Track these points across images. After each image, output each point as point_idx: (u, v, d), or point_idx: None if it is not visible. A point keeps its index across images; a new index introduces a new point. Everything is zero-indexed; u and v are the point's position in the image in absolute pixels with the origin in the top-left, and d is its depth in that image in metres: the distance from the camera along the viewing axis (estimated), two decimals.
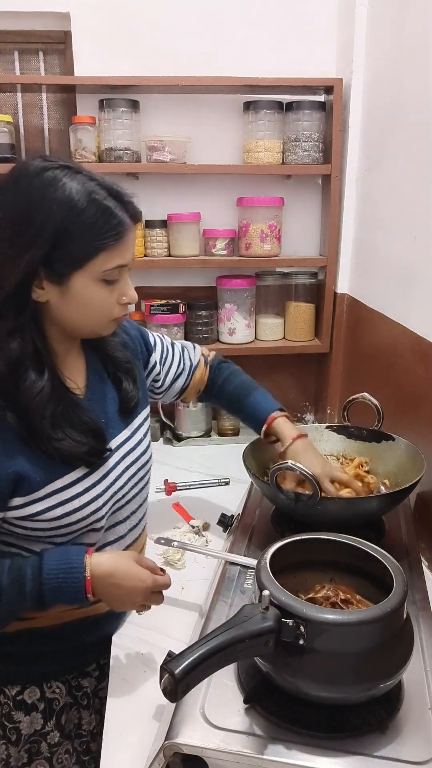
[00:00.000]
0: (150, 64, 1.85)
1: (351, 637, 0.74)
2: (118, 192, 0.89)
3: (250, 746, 0.73)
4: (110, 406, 1.03)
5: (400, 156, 1.51)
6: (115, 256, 0.88)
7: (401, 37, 1.49)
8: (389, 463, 1.31)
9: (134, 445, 1.06)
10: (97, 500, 0.96)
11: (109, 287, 0.91)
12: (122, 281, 0.93)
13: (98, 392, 1.02)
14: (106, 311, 0.93)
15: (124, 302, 0.94)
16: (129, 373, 1.06)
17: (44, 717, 1.04)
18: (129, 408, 1.05)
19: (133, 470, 1.05)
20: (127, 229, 0.88)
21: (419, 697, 0.80)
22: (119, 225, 0.87)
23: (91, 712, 1.10)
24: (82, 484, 0.95)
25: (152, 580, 0.93)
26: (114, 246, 0.87)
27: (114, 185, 0.90)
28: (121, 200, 0.89)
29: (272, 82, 1.81)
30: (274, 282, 2.04)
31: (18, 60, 1.98)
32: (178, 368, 1.27)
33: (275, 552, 0.86)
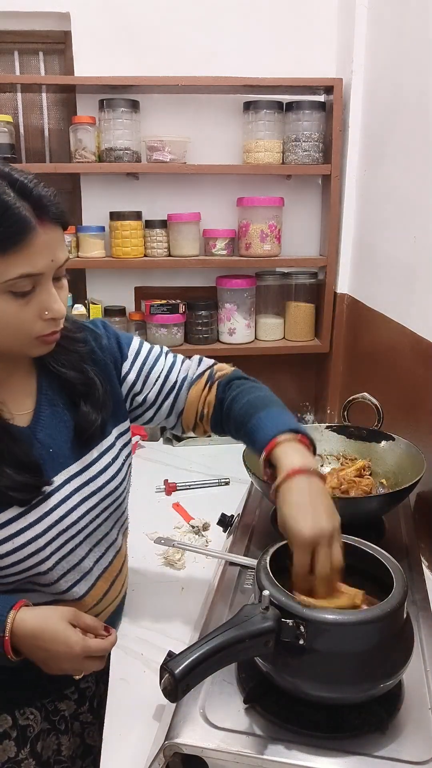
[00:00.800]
0: (150, 64, 1.86)
1: (351, 637, 0.74)
2: (23, 185, 0.73)
3: (250, 746, 0.73)
4: (63, 432, 0.90)
5: (400, 156, 1.51)
6: (17, 263, 0.73)
7: (401, 37, 1.49)
8: (389, 463, 1.31)
9: (95, 474, 0.93)
10: (36, 541, 0.86)
11: (21, 300, 0.76)
12: (42, 293, 0.77)
13: (49, 418, 0.89)
14: (22, 328, 0.78)
15: (48, 317, 0.78)
16: (87, 396, 0.91)
17: (17, 745, 0.97)
18: (87, 435, 0.91)
19: (93, 501, 0.92)
20: (29, 229, 0.73)
21: (419, 697, 0.80)
22: (19, 225, 0.72)
23: (70, 737, 1.04)
24: (16, 524, 0.84)
25: (81, 647, 0.82)
26: (15, 251, 0.72)
27: (22, 177, 0.74)
28: (26, 195, 0.73)
29: (272, 82, 1.81)
30: (274, 282, 2.04)
31: (18, 60, 1.98)
32: (165, 383, 1.02)
33: (275, 552, 0.85)
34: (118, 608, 1.06)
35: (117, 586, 1.03)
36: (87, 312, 1.95)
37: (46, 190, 0.76)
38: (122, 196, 1.96)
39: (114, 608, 1.04)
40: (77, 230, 1.92)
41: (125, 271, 2.05)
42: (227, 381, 1.03)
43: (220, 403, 1.01)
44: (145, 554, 1.27)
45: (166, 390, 1.02)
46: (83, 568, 0.94)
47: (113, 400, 0.97)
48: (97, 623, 0.86)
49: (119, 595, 1.05)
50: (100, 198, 1.97)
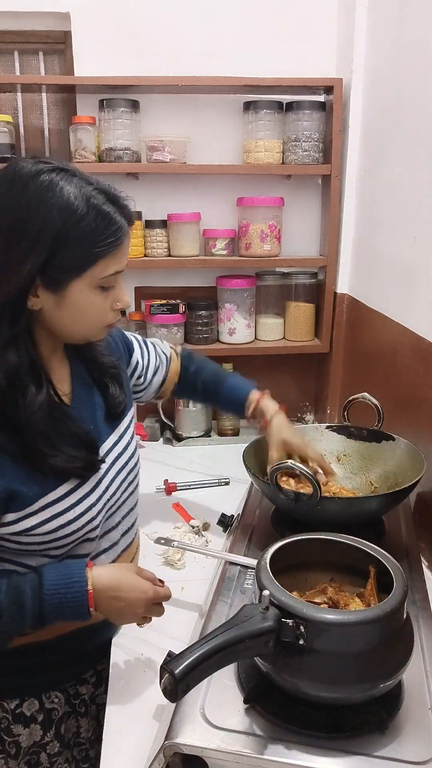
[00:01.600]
0: (150, 64, 1.85)
1: (351, 637, 0.74)
2: (115, 196, 0.87)
3: (250, 746, 0.73)
4: (97, 412, 1.00)
5: (400, 156, 1.51)
6: (113, 262, 0.87)
7: (401, 37, 1.49)
8: (389, 463, 1.31)
9: (122, 450, 1.04)
10: (91, 510, 0.94)
11: (105, 293, 0.89)
12: (117, 287, 0.91)
13: (84, 398, 0.99)
14: (101, 318, 0.91)
15: (118, 308, 0.92)
16: (115, 378, 1.04)
17: (43, 728, 1.02)
18: (116, 413, 1.03)
19: (123, 475, 1.04)
20: (125, 234, 0.87)
21: (419, 697, 0.80)
22: (118, 231, 0.85)
23: (88, 719, 1.09)
24: (75, 495, 0.93)
25: (153, 591, 0.92)
26: (113, 252, 0.86)
27: (111, 188, 0.87)
28: (118, 204, 0.87)
29: (272, 82, 1.81)
30: (274, 282, 2.04)
31: (18, 60, 1.98)
32: (156, 362, 1.27)
33: (275, 552, 0.86)
34: None
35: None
36: None
37: (125, 199, 0.89)
38: None
39: None
40: None
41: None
42: (185, 354, 1.35)
43: (184, 370, 1.33)
44: (145, 554, 1.26)
45: (156, 368, 1.27)
46: (112, 538, 1.03)
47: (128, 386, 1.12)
48: (153, 575, 0.95)
49: None
50: None
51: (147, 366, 1.25)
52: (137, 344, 1.24)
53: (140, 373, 1.23)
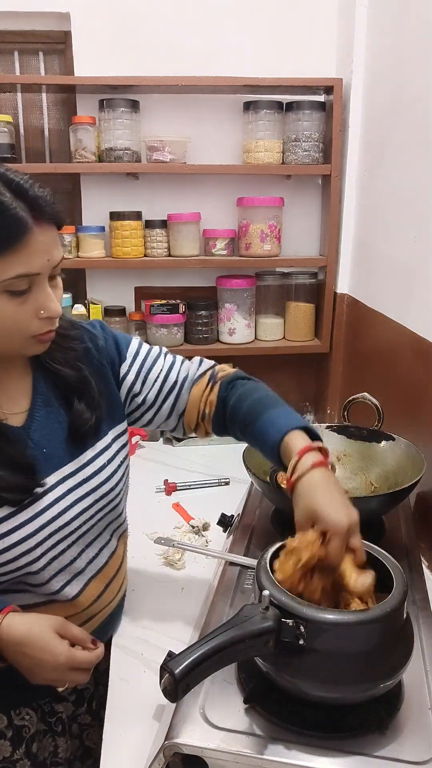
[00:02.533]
0: (150, 64, 1.85)
1: (351, 637, 0.74)
2: (19, 186, 0.74)
3: (250, 746, 0.73)
4: (58, 433, 0.89)
5: (400, 156, 1.51)
6: (14, 263, 0.73)
7: (401, 37, 1.49)
8: (389, 463, 1.31)
9: (90, 474, 0.92)
10: (27, 541, 0.85)
11: (17, 300, 0.76)
12: (38, 292, 0.77)
13: (43, 417, 0.89)
14: (18, 328, 0.78)
15: (44, 317, 0.79)
16: (81, 393, 0.91)
17: (13, 745, 0.96)
18: (80, 434, 0.90)
19: (88, 502, 0.91)
20: (26, 230, 0.73)
21: (419, 697, 0.80)
22: (15, 225, 0.72)
23: (67, 738, 1.02)
24: (7, 524, 0.84)
25: (66, 657, 0.80)
26: (12, 252, 0.73)
27: (18, 178, 0.75)
28: (23, 195, 0.74)
29: (272, 82, 1.81)
30: (274, 282, 2.04)
31: (18, 60, 1.98)
32: (165, 383, 1.01)
33: (275, 552, 0.85)
34: (116, 610, 1.05)
35: (113, 587, 1.02)
36: (87, 312, 1.94)
37: (41, 191, 0.76)
38: (122, 196, 1.96)
39: (111, 610, 1.03)
40: (77, 230, 1.92)
41: (125, 271, 2.05)
42: (230, 380, 1.03)
43: (222, 401, 1.00)
44: (145, 554, 1.27)
45: (166, 390, 1.02)
46: (75, 569, 0.93)
47: (109, 401, 0.96)
48: (84, 635, 0.84)
49: (116, 597, 1.04)
50: (100, 198, 1.97)
51: (148, 385, 1.01)
52: (138, 355, 1.02)
53: (134, 390, 1.00)
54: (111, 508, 0.96)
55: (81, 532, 0.92)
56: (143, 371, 1.01)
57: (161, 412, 1.03)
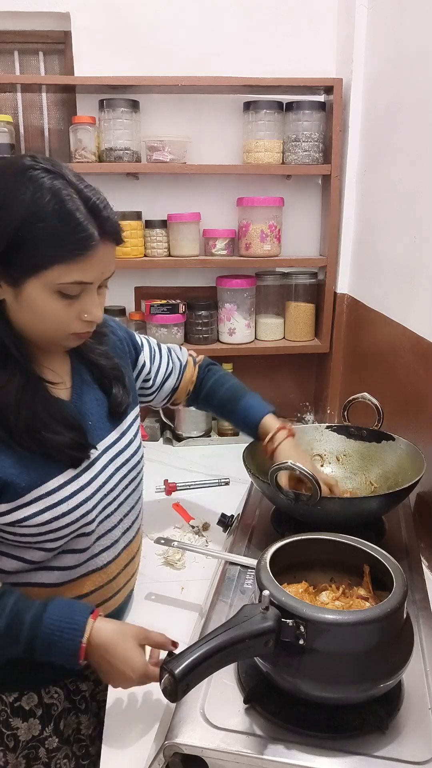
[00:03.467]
0: (150, 64, 1.86)
1: (351, 637, 0.74)
2: (95, 205, 0.83)
3: (250, 746, 0.73)
4: (98, 409, 1.00)
5: (400, 156, 1.51)
6: (74, 270, 0.82)
7: (401, 37, 1.49)
8: (389, 463, 1.31)
9: (124, 447, 1.04)
10: (86, 503, 0.94)
11: (67, 301, 0.85)
12: (86, 298, 0.87)
13: (84, 395, 0.99)
14: (62, 324, 0.87)
15: (86, 319, 0.88)
16: (118, 379, 1.04)
17: (42, 723, 1.02)
18: (118, 412, 1.03)
19: (124, 472, 1.03)
20: (93, 245, 0.82)
21: (419, 697, 0.80)
22: (85, 240, 0.81)
23: (89, 716, 1.09)
24: (70, 487, 0.92)
25: (142, 672, 0.86)
26: (75, 260, 0.82)
27: (95, 197, 0.83)
28: (96, 214, 0.83)
29: (272, 82, 1.81)
30: (274, 282, 2.04)
31: (18, 60, 1.98)
32: (168, 368, 1.26)
33: (275, 552, 0.86)
34: (131, 591, 1.12)
35: (133, 564, 1.11)
36: None
37: (112, 212, 0.85)
38: (122, 196, 1.96)
39: (131, 587, 1.11)
40: None
41: (125, 271, 2.05)
42: (204, 365, 1.33)
43: (200, 382, 1.31)
44: (145, 554, 1.27)
45: (167, 373, 1.26)
46: (113, 537, 1.02)
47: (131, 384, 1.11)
48: (164, 639, 0.90)
49: (133, 575, 1.12)
50: None
51: (157, 370, 1.24)
52: (147, 346, 1.23)
53: (147, 375, 1.22)
54: (139, 480, 1.09)
55: (122, 499, 1.03)
56: (155, 360, 1.23)
57: (162, 392, 1.27)
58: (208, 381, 1.31)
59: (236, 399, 1.28)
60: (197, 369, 1.31)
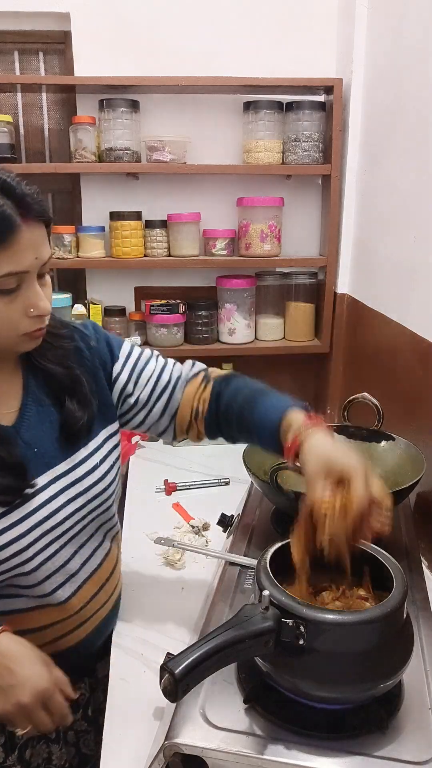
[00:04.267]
0: (150, 64, 1.85)
1: (351, 637, 0.74)
2: (5, 183, 0.74)
3: (250, 746, 0.73)
4: (49, 432, 0.89)
5: (400, 156, 1.51)
6: (2, 261, 0.74)
7: (401, 37, 1.49)
8: (389, 463, 1.31)
9: (82, 475, 0.91)
10: (19, 541, 0.85)
11: (7, 298, 0.77)
12: (27, 290, 0.78)
13: (33, 417, 0.88)
14: (9, 326, 0.78)
15: (33, 315, 0.79)
16: (72, 391, 0.90)
17: (5, 751, 0.95)
18: (72, 433, 0.90)
19: (79, 503, 0.91)
20: (14, 228, 0.73)
21: (419, 697, 0.80)
22: (2, 223, 0.72)
23: (62, 746, 1.00)
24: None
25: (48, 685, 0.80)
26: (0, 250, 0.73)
27: (4, 175, 0.74)
28: (10, 193, 0.73)
29: (272, 82, 1.81)
30: (274, 282, 2.04)
31: (18, 60, 1.98)
32: (158, 382, 1.00)
33: (275, 552, 0.85)
34: (110, 613, 1.04)
35: (107, 589, 1.01)
36: (87, 312, 1.94)
37: (29, 188, 0.76)
38: (122, 196, 1.96)
39: (106, 612, 1.02)
40: (77, 230, 1.92)
41: (125, 271, 2.05)
42: (223, 377, 1.02)
43: (216, 396, 0.99)
44: (145, 554, 1.27)
45: (159, 389, 1.01)
46: (69, 570, 0.92)
47: (101, 401, 0.96)
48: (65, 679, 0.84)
49: (110, 599, 1.03)
50: (100, 198, 1.97)
51: (141, 385, 0.99)
52: (130, 356, 1.01)
53: (126, 391, 0.99)
54: (104, 509, 0.96)
55: (74, 532, 0.92)
56: (136, 371, 1.00)
57: (153, 412, 1.01)
58: (224, 393, 0.99)
59: (256, 400, 0.95)
60: (212, 384, 1.00)
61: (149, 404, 1.01)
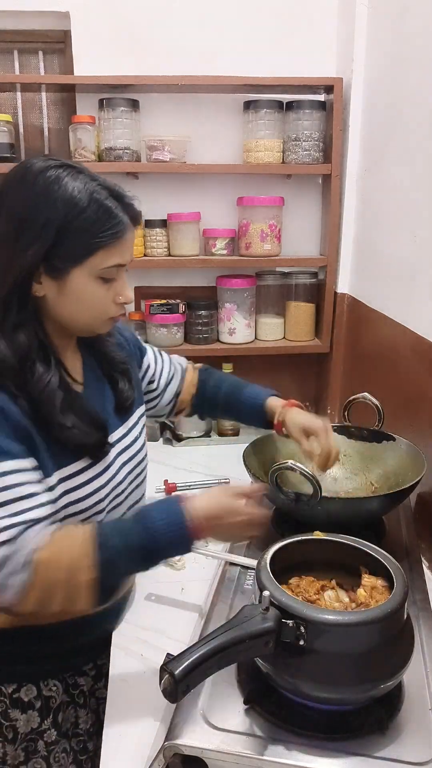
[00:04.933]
0: (150, 63, 1.85)
1: (351, 638, 0.74)
2: (119, 193, 0.91)
3: (250, 747, 0.73)
4: (107, 403, 1.04)
5: (400, 155, 1.51)
6: (113, 254, 0.90)
7: (401, 37, 1.48)
8: (389, 463, 1.31)
9: (130, 442, 1.07)
10: (99, 492, 0.97)
11: (106, 285, 0.92)
12: (119, 281, 0.94)
13: (95, 389, 1.03)
14: (102, 309, 0.94)
15: (120, 302, 0.95)
16: (125, 373, 1.08)
17: (41, 715, 1.03)
18: (125, 407, 1.07)
19: (131, 466, 1.06)
20: (126, 228, 0.91)
21: (419, 697, 0.80)
22: (119, 224, 0.89)
23: (87, 711, 1.10)
24: (86, 474, 0.96)
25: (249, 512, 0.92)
26: (113, 244, 0.89)
27: (115, 186, 0.92)
28: (121, 201, 0.91)
29: (272, 81, 1.81)
30: (274, 282, 2.04)
31: (18, 59, 1.97)
32: (170, 370, 1.28)
33: (275, 552, 0.85)
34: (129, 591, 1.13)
35: None
36: None
37: (131, 198, 0.93)
38: None
39: (130, 584, 1.13)
40: None
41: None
42: (203, 368, 1.34)
43: (203, 383, 1.31)
44: None
45: (170, 377, 1.27)
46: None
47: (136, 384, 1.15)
48: (253, 488, 0.98)
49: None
50: None
51: (160, 372, 1.25)
52: (150, 350, 1.26)
53: (151, 377, 1.24)
54: (143, 478, 1.11)
55: (128, 492, 1.05)
56: (158, 362, 1.25)
57: (165, 398, 1.27)
58: (208, 381, 1.32)
59: (239, 390, 1.29)
60: (197, 372, 1.33)
61: (164, 390, 1.26)
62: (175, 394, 1.29)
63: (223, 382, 1.32)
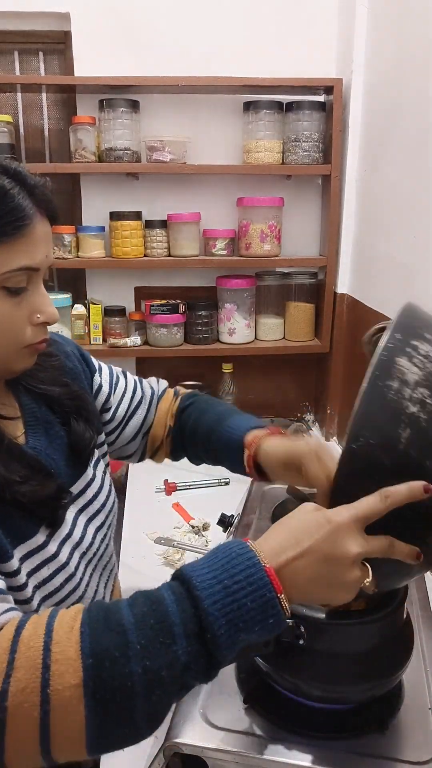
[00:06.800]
0: (150, 64, 1.86)
1: (351, 637, 0.74)
2: (17, 172, 0.68)
3: (249, 746, 0.73)
4: (59, 453, 0.81)
5: (400, 156, 1.51)
6: (18, 253, 0.67)
7: (401, 37, 1.49)
8: None
9: (95, 493, 0.86)
10: (67, 567, 0.78)
11: (14, 299, 0.68)
12: (34, 293, 0.70)
13: (43, 437, 0.79)
14: (13, 333, 0.70)
15: (39, 321, 0.71)
16: (77, 410, 0.83)
17: None
18: (80, 453, 0.83)
19: (98, 521, 0.86)
20: (31, 218, 0.67)
21: (419, 697, 0.80)
22: (18, 211, 0.66)
23: None
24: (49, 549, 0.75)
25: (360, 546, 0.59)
26: (14, 239, 0.66)
27: (19, 168, 0.69)
28: (25, 185, 0.68)
29: (272, 82, 1.81)
30: (274, 282, 2.04)
31: (18, 60, 1.98)
32: (134, 397, 0.98)
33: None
34: None
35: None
36: (87, 312, 1.94)
37: (39, 179, 0.71)
38: (122, 196, 1.96)
39: None
40: (77, 230, 1.92)
41: (125, 271, 2.05)
42: (189, 395, 1.03)
43: (181, 412, 0.99)
44: (145, 554, 1.27)
45: (135, 404, 0.99)
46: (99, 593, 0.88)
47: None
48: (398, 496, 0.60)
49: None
50: (100, 198, 1.97)
51: (119, 398, 0.97)
52: (107, 368, 0.98)
53: (106, 404, 0.95)
54: (112, 533, 0.91)
55: (100, 553, 0.87)
56: (113, 383, 0.97)
57: (127, 431, 0.99)
58: (190, 412, 0.99)
59: (222, 421, 0.94)
60: (178, 400, 1.01)
61: (125, 420, 0.98)
62: (140, 429, 1.00)
63: (205, 412, 0.96)
